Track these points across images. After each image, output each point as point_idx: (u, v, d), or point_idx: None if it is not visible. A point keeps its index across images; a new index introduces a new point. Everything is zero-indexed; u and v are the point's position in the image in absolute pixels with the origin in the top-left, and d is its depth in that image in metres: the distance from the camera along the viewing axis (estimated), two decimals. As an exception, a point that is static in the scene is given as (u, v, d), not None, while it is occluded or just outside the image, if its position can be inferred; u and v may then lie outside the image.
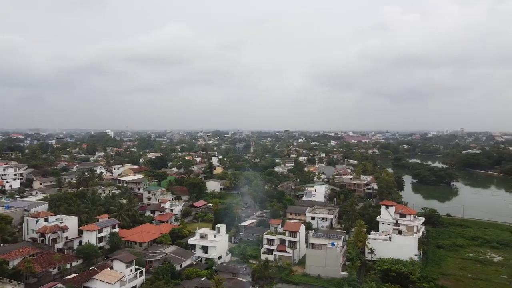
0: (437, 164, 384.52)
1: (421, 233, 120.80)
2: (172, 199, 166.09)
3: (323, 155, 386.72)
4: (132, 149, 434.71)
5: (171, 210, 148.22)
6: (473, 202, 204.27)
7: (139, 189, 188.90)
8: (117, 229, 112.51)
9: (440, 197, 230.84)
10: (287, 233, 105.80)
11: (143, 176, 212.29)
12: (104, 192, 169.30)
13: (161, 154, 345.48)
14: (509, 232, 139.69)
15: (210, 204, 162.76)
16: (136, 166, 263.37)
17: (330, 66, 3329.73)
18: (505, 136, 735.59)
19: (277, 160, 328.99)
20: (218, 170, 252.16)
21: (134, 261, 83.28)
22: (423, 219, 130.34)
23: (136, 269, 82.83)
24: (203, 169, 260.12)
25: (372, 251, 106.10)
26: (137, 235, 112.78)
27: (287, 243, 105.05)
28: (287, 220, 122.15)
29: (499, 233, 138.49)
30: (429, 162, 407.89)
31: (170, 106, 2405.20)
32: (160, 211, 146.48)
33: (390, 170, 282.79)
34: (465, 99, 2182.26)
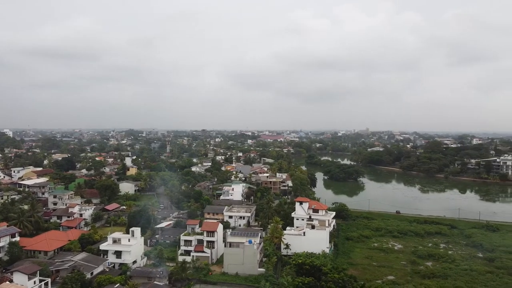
0: (346, 161, 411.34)
1: (332, 226, 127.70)
2: (81, 203, 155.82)
3: (240, 154, 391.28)
4: (35, 150, 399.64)
5: (81, 215, 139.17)
6: (377, 196, 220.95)
7: (43, 194, 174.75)
8: (17, 238, 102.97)
9: (349, 192, 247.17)
10: (205, 233, 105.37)
11: (48, 179, 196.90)
12: (2, 198, 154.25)
13: (69, 155, 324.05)
14: (408, 222, 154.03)
15: (124, 207, 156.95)
16: (40, 169, 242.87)
17: (245, 67, 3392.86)
18: (404, 135, 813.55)
19: (194, 160, 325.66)
20: (132, 171, 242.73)
21: (38, 271, 76.70)
22: (333, 213, 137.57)
23: (41, 280, 76.38)
24: (116, 170, 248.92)
25: (287, 246, 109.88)
26: (41, 243, 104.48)
27: (205, 243, 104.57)
28: (205, 220, 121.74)
29: (399, 223, 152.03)
30: (339, 160, 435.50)
31: (79, 104, 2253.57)
32: (68, 216, 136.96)
33: (304, 168, 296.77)
34: (370, 100, 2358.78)
